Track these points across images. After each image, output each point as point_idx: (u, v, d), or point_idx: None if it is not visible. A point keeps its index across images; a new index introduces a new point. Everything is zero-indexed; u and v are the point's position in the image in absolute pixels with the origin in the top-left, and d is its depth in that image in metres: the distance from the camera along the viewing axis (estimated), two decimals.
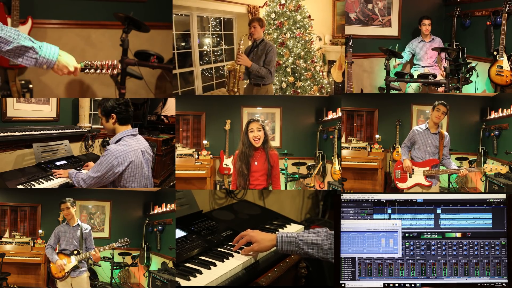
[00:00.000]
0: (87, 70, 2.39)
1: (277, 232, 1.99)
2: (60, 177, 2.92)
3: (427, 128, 3.29)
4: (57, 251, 2.98)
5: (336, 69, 4.75)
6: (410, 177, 3.28)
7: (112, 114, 2.48)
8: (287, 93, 4.44)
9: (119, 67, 2.50)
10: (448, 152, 3.28)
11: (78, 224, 3.02)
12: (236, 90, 3.68)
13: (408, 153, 3.37)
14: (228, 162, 4.42)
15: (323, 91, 4.61)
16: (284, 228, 2.59)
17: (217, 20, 5.20)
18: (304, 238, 1.90)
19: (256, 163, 2.76)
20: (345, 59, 4.20)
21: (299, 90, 4.37)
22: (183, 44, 4.81)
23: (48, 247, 3.01)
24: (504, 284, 2.04)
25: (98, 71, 2.42)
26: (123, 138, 2.49)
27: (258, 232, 2.06)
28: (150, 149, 2.69)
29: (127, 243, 3.08)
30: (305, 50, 4.41)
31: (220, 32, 5.24)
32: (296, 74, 4.38)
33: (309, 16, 4.54)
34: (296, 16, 4.38)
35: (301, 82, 4.36)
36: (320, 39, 5.30)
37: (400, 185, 3.33)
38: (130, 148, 2.47)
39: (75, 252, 2.93)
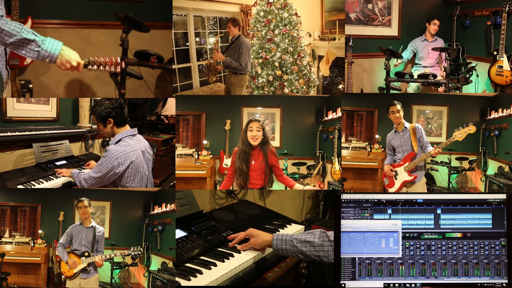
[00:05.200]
0: (90, 66, 2.42)
1: (273, 233, 2.00)
2: (63, 176, 2.92)
3: (395, 131, 3.33)
4: (68, 250, 2.97)
5: (323, 63, 5.01)
6: (395, 179, 3.31)
7: (109, 119, 2.47)
8: (274, 86, 4.57)
9: (123, 65, 2.52)
10: (427, 141, 3.25)
11: (93, 226, 3.02)
12: (214, 79, 4.36)
13: (392, 159, 3.40)
14: (228, 162, 4.42)
15: (310, 84, 4.76)
16: (284, 228, 2.59)
17: (215, 20, 5.45)
18: (298, 237, 1.93)
19: (253, 162, 2.77)
20: (345, 59, 4.21)
21: (285, 83, 4.56)
22: (187, 43, 5.06)
23: (60, 245, 2.99)
24: (504, 284, 2.04)
25: (101, 67, 2.44)
26: (123, 139, 2.49)
27: (257, 230, 2.08)
28: (150, 149, 2.68)
29: (139, 253, 3.12)
30: (292, 46, 4.58)
31: (217, 31, 5.38)
32: (283, 68, 4.57)
33: (296, 14, 4.66)
34: (283, 14, 4.55)
35: (288, 75, 4.55)
36: (310, 35, 5.52)
37: (391, 190, 3.35)
38: (130, 148, 2.47)
39: (86, 254, 2.93)
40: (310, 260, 1.95)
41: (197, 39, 5.22)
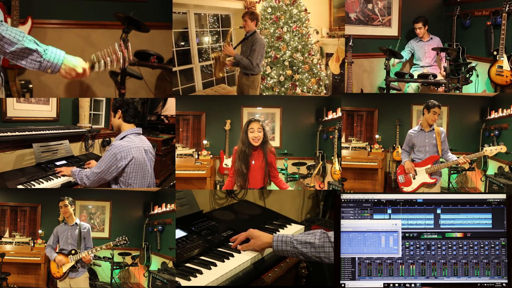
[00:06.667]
0: (97, 66, 2.28)
1: (274, 234, 2.00)
2: (63, 176, 2.93)
3: (421, 129, 3.30)
4: (57, 251, 2.98)
5: (333, 61, 4.86)
6: (414, 178, 3.26)
7: (119, 110, 2.63)
8: (285, 86, 4.49)
9: (131, 57, 2.39)
10: (448, 146, 3.28)
11: (76, 223, 3.02)
12: (221, 75, 4.04)
13: (409, 157, 3.37)
14: (228, 162, 4.42)
15: (321, 83, 4.68)
16: (284, 228, 2.59)
17: (215, 17, 5.23)
18: (299, 238, 1.93)
19: (253, 162, 2.76)
20: (345, 59, 4.20)
21: (297, 83, 4.46)
22: (183, 42, 4.85)
23: (48, 246, 3.03)
24: (504, 284, 2.04)
25: (109, 63, 2.28)
26: (127, 136, 2.60)
27: (258, 230, 2.09)
28: (153, 150, 2.77)
29: (125, 242, 3.06)
30: (302, 44, 4.48)
31: (218, 29, 5.26)
32: (294, 67, 4.47)
33: (305, 10, 4.58)
34: (292, 10, 4.46)
35: (299, 75, 4.46)
36: (317, 33, 5.35)
37: (406, 189, 3.28)
38: (134, 144, 2.56)
39: (73, 251, 2.93)
40: (311, 261, 1.94)
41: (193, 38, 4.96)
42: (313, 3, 4.99)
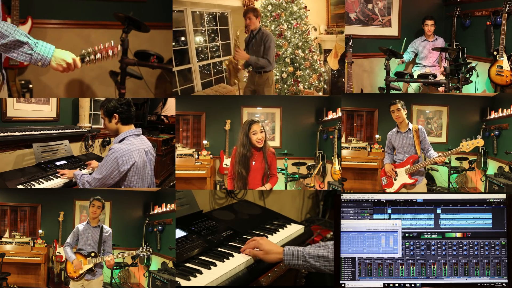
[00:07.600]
0: (87, 59, 2.35)
1: (284, 247, 1.96)
2: (65, 177, 2.90)
3: (397, 130, 3.30)
4: (74, 250, 2.92)
5: (332, 57, 4.90)
6: (395, 180, 3.29)
7: (115, 114, 2.47)
8: (288, 83, 4.48)
9: (119, 48, 2.45)
10: (429, 144, 3.25)
11: (100, 226, 2.97)
12: (236, 81, 3.82)
13: (391, 159, 3.38)
14: (228, 162, 4.41)
15: (321, 78, 4.71)
16: (284, 228, 2.59)
17: (211, 16, 5.14)
18: (311, 252, 1.90)
19: (254, 162, 2.76)
20: (346, 59, 4.21)
21: (299, 79, 4.46)
22: (175, 42, 4.76)
23: (66, 245, 2.94)
24: (504, 284, 2.04)
25: (98, 55, 2.37)
26: (127, 138, 2.47)
27: (268, 242, 2.05)
28: (153, 150, 2.67)
29: (148, 253, 3.06)
30: (302, 40, 4.49)
31: (215, 28, 5.20)
32: (295, 64, 4.47)
33: (305, 7, 4.60)
34: (292, 7, 4.46)
35: (301, 71, 4.46)
36: (315, 30, 5.37)
37: (389, 190, 3.32)
38: (134, 147, 2.45)
39: (92, 254, 2.87)
40: (324, 273, 1.91)
41: (183, 38, 4.77)
42: (311, 0, 5.01)
